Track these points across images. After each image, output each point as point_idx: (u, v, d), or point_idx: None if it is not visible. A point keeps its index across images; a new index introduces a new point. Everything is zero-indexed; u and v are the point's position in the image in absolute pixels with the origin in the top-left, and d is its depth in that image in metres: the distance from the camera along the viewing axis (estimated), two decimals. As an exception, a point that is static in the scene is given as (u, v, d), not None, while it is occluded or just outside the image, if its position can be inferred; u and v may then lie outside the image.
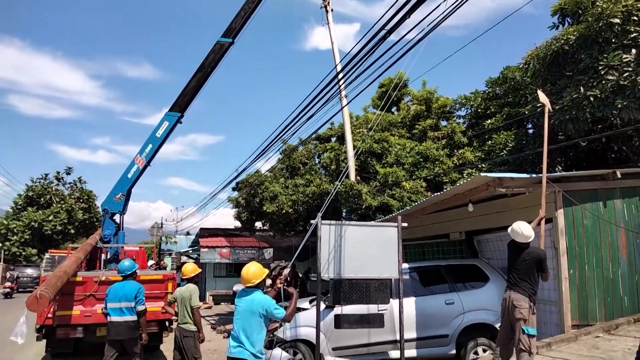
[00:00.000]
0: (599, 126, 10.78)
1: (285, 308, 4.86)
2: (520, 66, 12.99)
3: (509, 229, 5.64)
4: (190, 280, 6.99)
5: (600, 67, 9.26)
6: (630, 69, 8.98)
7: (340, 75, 8.54)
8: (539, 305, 7.78)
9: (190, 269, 7.12)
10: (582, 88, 9.45)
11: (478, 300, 7.69)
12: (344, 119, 13.59)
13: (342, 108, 12.57)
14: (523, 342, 5.15)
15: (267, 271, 5.14)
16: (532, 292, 5.35)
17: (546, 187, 7.19)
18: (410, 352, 7.39)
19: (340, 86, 9.22)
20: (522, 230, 5.47)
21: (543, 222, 6.19)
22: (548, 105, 7.16)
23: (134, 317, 6.78)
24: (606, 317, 7.34)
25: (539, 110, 10.57)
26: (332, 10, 14.07)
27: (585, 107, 9.38)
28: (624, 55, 9.06)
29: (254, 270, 4.93)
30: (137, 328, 6.83)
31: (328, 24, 13.96)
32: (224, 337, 12.27)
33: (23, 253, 35.53)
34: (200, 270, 7.44)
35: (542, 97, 7.27)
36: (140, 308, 6.81)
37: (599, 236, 7.52)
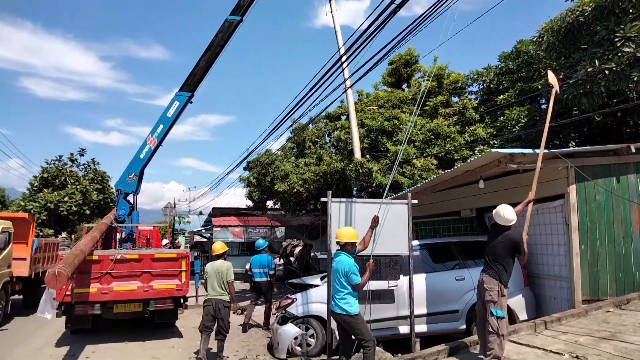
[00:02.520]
0: (614, 100, 10.55)
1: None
2: (534, 40, 12.70)
3: (493, 211, 5.61)
4: (219, 256, 7.83)
5: (616, 39, 8.99)
6: (647, 40, 8.73)
7: (345, 58, 8.47)
8: (549, 281, 7.83)
9: (219, 247, 8.04)
10: (597, 61, 9.22)
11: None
12: (349, 105, 13.50)
13: (345, 90, 12.44)
14: (491, 324, 5.17)
15: (357, 239, 5.86)
16: (504, 275, 5.33)
17: (559, 163, 7.15)
18: (421, 327, 7.49)
19: (344, 73, 9.15)
20: (505, 213, 5.44)
21: (530, 205, 6.12)
22: (556, 87, 7.01)
23: (268, 278, 10.40)
24: (617, 292, 7.33)
25: (549, 88, 10.37)
26: None
27: (600, 80, 9.16)
28: (642, 26, 8.79)
29: (345, 232, 5.77)
30: (270, 284, 10.47)
31: (332, 12, 13.75)
32: (237, 314, 12.52)
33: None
34: (227, 248, 8.40)
35: (552, 77, 7.10)
36: (271, 272, 10.51)
37: (611, 212, 7.45)
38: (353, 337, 5.65)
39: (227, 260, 7.86)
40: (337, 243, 5.76)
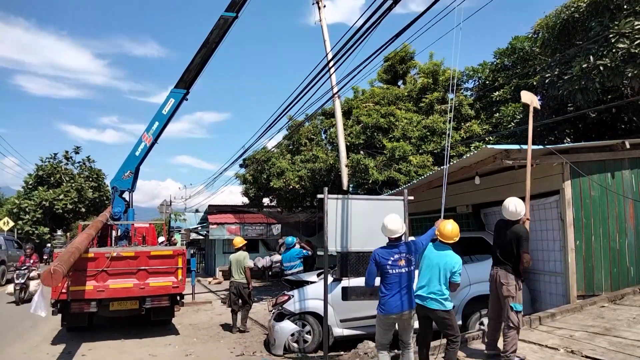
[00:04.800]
0: (609, 96, 10.60)
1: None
2: (529, 36, 12.73)
3: (502, 206, 5.60)
4: (239, 249, 9.88)
5: (611, 35, 9.02)
6: (642, 36, 8.75)
7: (333, 63, 8.48)
8: (544, 277, 7.86)
9: (238, 241, 10.09)
10: (591, 57, 9.25)
11: (484, 272, 7.63)
12: (336, 113, 13.49)
13: (333, 96, 12.41)
14: (512, 319, 5.21)
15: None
16: (518, 269, 5.36)
17: (554, 159, 7.17)
18: (417, 323, 7.49)
19: (332, 80, 9.12)
20: (516, 207, 5.43)
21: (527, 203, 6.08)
22: (534, 104, 6.94)
23: (301, 268, 10.80)
24: (612, 287, 7.38)
25: (547, 81, 10.38)
26: (324, 6, 13.77)
27: (594, 76, 9.19)
28: (636, 22, 8.82)
29: (456, 231, 5.41)
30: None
31: (320, 21, 13.67)
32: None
33: (36, 232, 36.16)
34: (245, 242, 10.29)
35: (526, 96, 7.01)
36: (305, 256, 11.25)
37: (606, 207, 7.49)
38: (443, 332, 5.45)
39: (244, 252, 9.89)
40: (442, 242, 5.39)
